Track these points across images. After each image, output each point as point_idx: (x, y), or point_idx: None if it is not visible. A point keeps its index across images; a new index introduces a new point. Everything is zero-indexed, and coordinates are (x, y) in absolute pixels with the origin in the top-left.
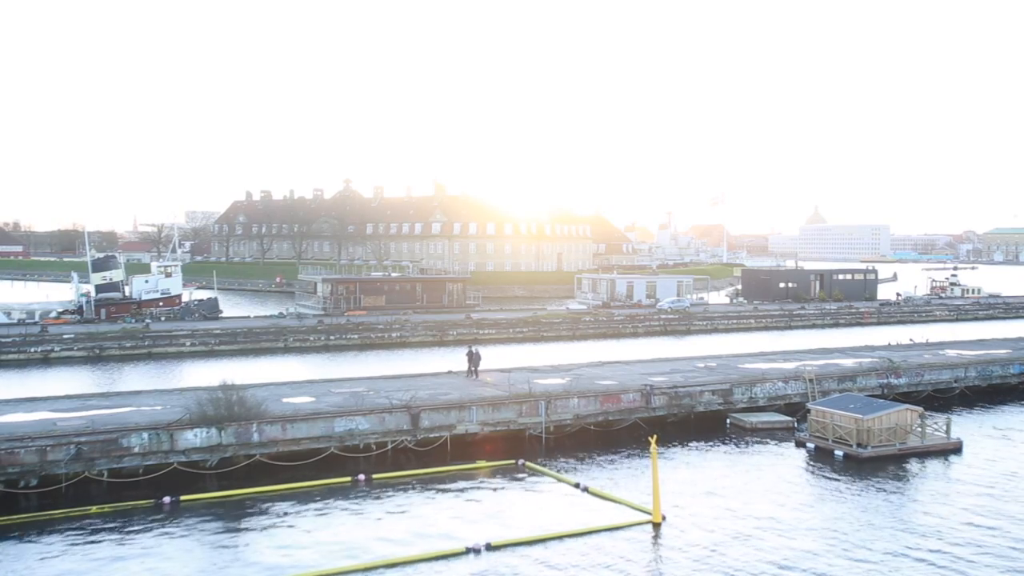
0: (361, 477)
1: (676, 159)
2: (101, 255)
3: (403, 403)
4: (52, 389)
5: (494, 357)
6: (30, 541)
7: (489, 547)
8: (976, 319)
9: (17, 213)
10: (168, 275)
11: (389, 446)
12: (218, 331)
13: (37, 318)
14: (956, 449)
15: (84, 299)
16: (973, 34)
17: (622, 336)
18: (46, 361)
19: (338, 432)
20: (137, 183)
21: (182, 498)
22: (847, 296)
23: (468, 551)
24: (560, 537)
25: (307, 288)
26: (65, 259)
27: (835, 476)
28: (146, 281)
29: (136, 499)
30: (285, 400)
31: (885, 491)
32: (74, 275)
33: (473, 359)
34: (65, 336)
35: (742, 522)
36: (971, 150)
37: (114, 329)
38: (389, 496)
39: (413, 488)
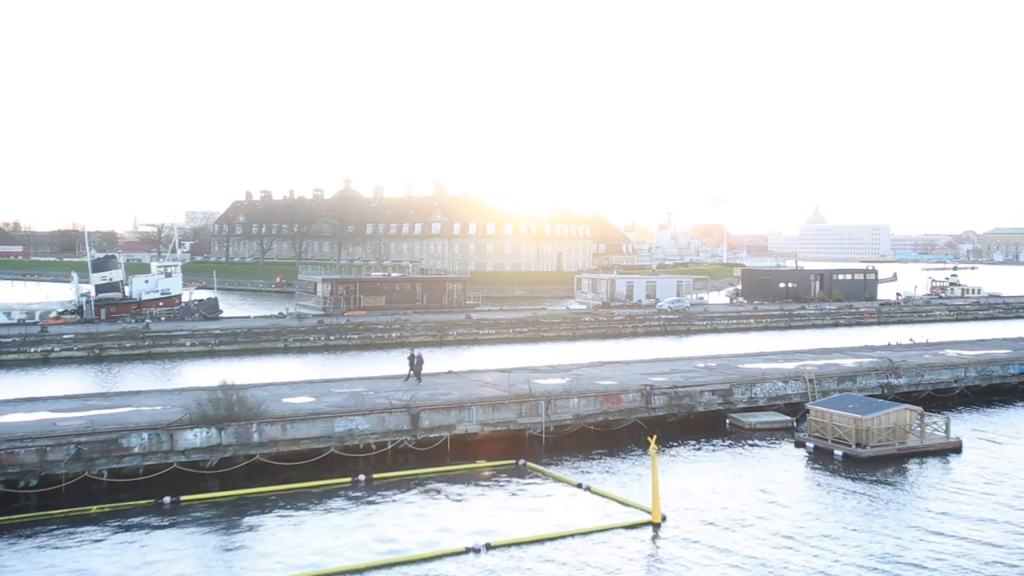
0: (361, 477)
1: (676, 159)
2: (101, 255)
3: (403, 403)
4: (52, 389)
5: (494, 357)
6: (30, 541)
7: (489, 547)
8: (976, 319)
9: (17, 213)
10: (168, 275)
11: (389, 446)
12: (218, 331)
13: (37, 318)
14: (955, 449)
15: (84, 299)
16: (973, 34)
17: (622, 336)
18: (46, 361)
19: (338, 432)
20: (137, 183)
21: (182, 498)
22: (847, 296)
23: (468, 551)
24: (559, 537)
25: (307, 288)
26: (65, 259)
27: (834, 476)
28: (146, 281)
29: (136, 499)
30: (285, 400)
31: (884, 491)
32: (74, 275)
33: (414, 362)
34: (65, 336)
35: (741, 522)
36: (971, 150)
37: (114, 329)
38: (389, 496)
39: (413, 488)
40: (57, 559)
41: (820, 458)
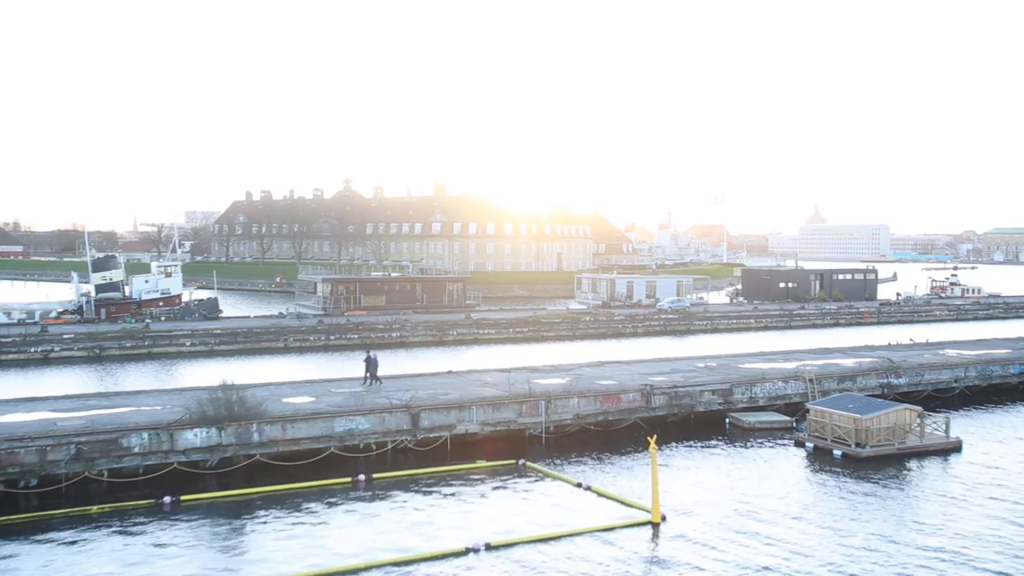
0: (361, 477)
1: (676, 159)
2: (101, 255)
3: (403, 403)
4: (52, 389)
5: (494, 357)
6: (30, 541)
7: (489, 547)
8: (976, 319)
9: (17, 213)
10: (168, 275)
11: (389, 446)
12: (218, 331)
13: (37, 318)
14: (955, 449)
15: (84, 299)
16: (973, 34)
17: (622, 336)
18: (46, 361)
19: (338, 432)
20: (137, 183)
21: (182, 498)
22: (847, 296)
23: (468, 551)
24: (559, 537)
25: (307, 288)
26: (65, 259)
27: (833, 476)
28: (146, 281)
29: (136, 499)
30: (285, 400)
31: (883, 491)
32: (74, 275)
33: (371, 365)
34: (65, 336)
35: (741, 521)
36: (971, 150)
37: (114, 329)
38: (389, 496)
39: (413, 488)
40: (57, 559)
41: (820, 458)
